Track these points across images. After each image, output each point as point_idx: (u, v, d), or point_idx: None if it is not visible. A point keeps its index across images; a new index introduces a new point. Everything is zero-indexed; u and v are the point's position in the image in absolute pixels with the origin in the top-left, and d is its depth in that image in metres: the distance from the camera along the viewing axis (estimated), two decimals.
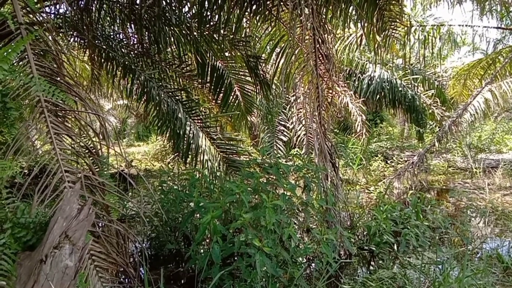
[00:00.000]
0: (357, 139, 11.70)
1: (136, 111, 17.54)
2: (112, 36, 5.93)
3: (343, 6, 4.96)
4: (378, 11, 5.11)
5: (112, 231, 3.22)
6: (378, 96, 12.14)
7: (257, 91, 6.89)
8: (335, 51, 8.27)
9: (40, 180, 2.71)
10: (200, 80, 6.71)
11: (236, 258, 3.66)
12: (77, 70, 7.01)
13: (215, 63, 6.54)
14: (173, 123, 5.58)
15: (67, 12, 5.19)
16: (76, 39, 5.69)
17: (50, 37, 4.03)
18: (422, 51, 9.35)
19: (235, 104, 7.18)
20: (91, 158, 3.38)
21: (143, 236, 4.90)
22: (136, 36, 5.85)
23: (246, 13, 5.16)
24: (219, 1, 4.78)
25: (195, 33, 5.38)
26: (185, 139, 5.62)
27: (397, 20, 5.43)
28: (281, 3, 5.02)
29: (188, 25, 5.32)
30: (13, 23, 2.93)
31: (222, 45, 5.88)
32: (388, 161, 11.74)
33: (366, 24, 5.27)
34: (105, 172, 3.54)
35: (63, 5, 5.16)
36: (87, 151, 3.44)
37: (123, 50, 5.82)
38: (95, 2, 5.21)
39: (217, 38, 5.67)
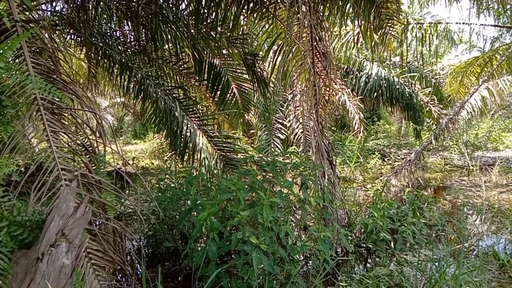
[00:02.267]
0: (354, 137, 11.73)
1: (133, 109, 17.50)
2: (109, 34, 5.90)
3: (340, 3, 4.96)
4: (375, 8, 5.11)
5: (109, 229, 3.22)
6: (375, 94, 12.16)
7: (255, 89, 6.89)
8: (332, 49, 8.27)
9: (37, 178, 2.70)
10: (197, 78, 6.70)
11: (233, 256, 3.67)
12: (74, 68, 6.98)
13: (212, 60, 6.52)
14: (170, 121, 5.57)
15: (64, 10, 5.17)
16: (72, 36, 5.67)
17: (46, 35, 4.02)
18: (419, 49, 9.35)
19: (233, 102, 7.17)
20: (87, 156, 3.38)
21: (140, 234, 4.90)
22: (133, 33, 5.82)
23: (244, 11, 5.14)
24: None
25: (192, 31, 5.37)
26: (182, 137, 5.61)
27: (394, 18, 5.43)
28: (278, 1, 5.01)
29: (185, 22, 5.30)
30: (9, 20, 2.92)
31: (220, 43, 5.86)
32: (385, 159, 11.78)
33: (363, 22, 5.27)
34: (102, 170, 3.53)
35: (59, 3, 5.14)
36: (83, 149, 3.43)
37: (120, 47, 5.80)
38: None
39: (214, 35, 5.66)
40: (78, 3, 4.99)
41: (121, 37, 6.05)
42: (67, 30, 5.37)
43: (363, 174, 10.41)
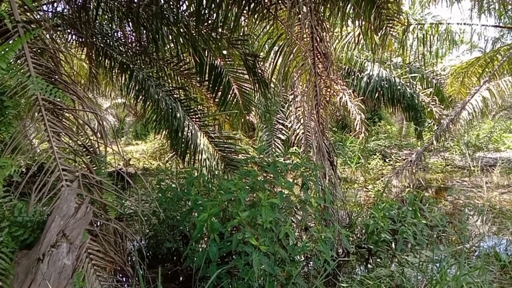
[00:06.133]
0: (356, 137, 11.72)
1: (134, 110, 17.52)
2: (109, 34, 5.91)
3: (340, 4, 4.96)
4: (375, 9, 5.11)
5: (109, 229, 3.22)
6: (376, 94, 12.16)
7: (255, 90, 6.88)
8: (333, 50, 8.27)
9: (38, 179, 2.71)
10: (198, 79, 6.69)
11: (234, 257, 3.67)
12: (75, 68, 6.98)
13: (213, 61, 6.52)
14: (171, 121, 5.57)
15: (65, 10, 5.18)
16: (73, 37, 5.68)
17: (47, 36, 4.02)
18: (420, 50, 9.34)
19: (233, 103, 7.16)
20: (88, 156, 3.38)
21: (141, 235, 4.90)
22: (134, 34, 5.83)
23: (244, 12, 5.15)
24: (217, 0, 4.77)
25: (193, 32, 5.37)
26: (183, 137, 5.62)
27: (395, 19, 5.43)
28: (279, 1, 5.02)
29: (186, 23, 5.31)
30: (10, 21, 2.92)
31: (220, 44, 5.86)
32: (386, 160, 11.75)
33: (363, 23, 5.27)
34: (103, 171, 3.53)
35: (60, 3, 5.15)
36: (84, 149, 3.43)
37: (121, 48, 5.81)
38: (93, 0, 5.19)
39: (215, 36, 5.66)
40: (79, 4, 5.00)
41: (122, 38, 6.05)
42: (68, 30, 5.39)
43: (364, 174, 10.40)
